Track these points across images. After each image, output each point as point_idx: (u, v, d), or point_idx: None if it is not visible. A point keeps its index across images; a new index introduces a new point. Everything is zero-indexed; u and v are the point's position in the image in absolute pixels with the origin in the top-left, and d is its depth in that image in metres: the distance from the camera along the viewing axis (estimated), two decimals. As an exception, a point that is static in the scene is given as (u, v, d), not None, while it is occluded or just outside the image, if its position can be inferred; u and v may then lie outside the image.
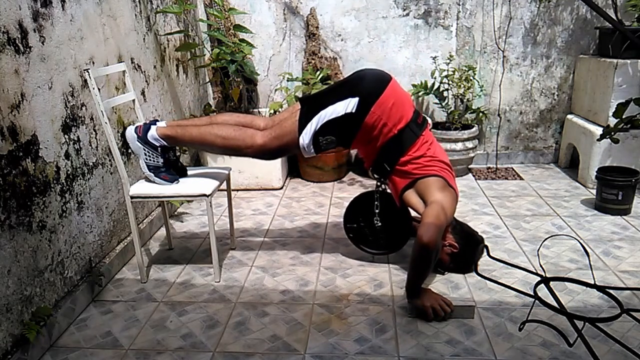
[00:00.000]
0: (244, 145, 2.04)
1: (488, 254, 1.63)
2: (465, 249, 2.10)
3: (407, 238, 2.30)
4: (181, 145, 2.18)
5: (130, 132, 2.04)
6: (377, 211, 2.22)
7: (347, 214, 2.35)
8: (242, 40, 3.25)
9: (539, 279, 1.32)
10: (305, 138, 2.00)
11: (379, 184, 2.23)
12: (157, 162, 2.07)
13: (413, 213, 2.20)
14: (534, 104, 3.60)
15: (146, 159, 2.06)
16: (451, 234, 2.10)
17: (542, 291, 1.36)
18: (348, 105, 1.97)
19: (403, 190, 2.07)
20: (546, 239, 2.39)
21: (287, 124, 2.04)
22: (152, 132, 2.03)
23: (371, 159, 2.12)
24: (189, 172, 2.23)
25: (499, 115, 3.59)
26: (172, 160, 2.14)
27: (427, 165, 2.03)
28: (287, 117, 2.08)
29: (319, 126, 1.99)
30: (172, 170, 2.13)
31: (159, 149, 2.05)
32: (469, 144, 3.38)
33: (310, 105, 2.04)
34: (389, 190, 2.23)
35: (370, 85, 2.01)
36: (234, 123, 2.11)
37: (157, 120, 2.10)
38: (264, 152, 2.07)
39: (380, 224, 2.23)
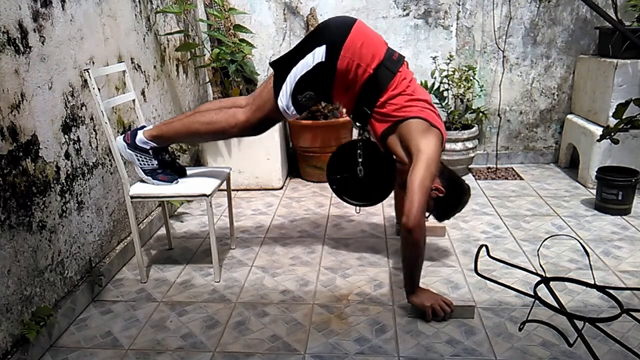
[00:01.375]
0: (228, 126, 2.04)
1: (488, 254, 1.63)
2: (451, 194, 2.07)
3: (391, 188, 2.24)
4: (170, 142, 2.16)
5: (120, 141, 2.04)
6: (360, 160, 2.15)
7: (331, 165, 2.28)
8: (242, 40, 3.25)
9: (539, 279, 1.32)
10: (283, 100, 1.97)
11: (361, 132, 2.16)
12: (152, 164, 2.07)
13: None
14: (534, 104, 3.61)
15: (140, 164, 2.07)
16: (439, 177, 2.04)
17: (542, 291, 1.36)
18: (316, 55, 1.92)
19: (384, 134, 2.01)
20: (546, 239, 2.39)
21: (264, 93, 2.03)
22: (140, 137, 2.04)
23: (351, 106, 2.07)
24: (188, 172, 2.24)
25: (499, 115, 3.59)
26: (167, 160, 2.14)
27: (406, 105, 1.96)
28: (263, 87, 2.06)
29: (293, 85, 1.95)
30: (170, 170, 2.13)
31: (150, 151, 2.06)
32: (469, 144, 3.39)
33: (281, 66, 2.00)
34: (372, 139, 2.17)
35: (334, 30, 1.96)
36: (217, 108, 2.10)
37: (144, 126, 2.11)
38: (249, 128, 2.06)
39: (363, 173, 2.16)
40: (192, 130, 2.06)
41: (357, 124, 2.13)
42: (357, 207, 2.30)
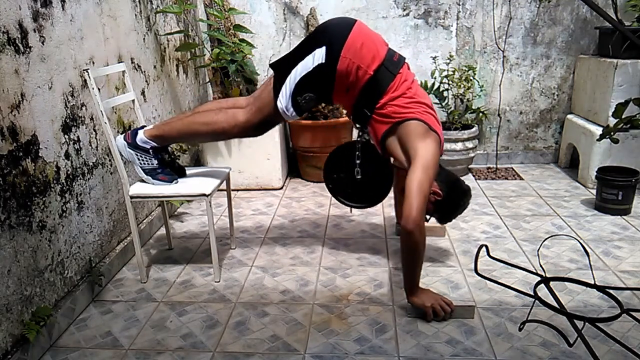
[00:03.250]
0: (228, 127, 2.04)
1: (488, 254, 1.63)
2: (450, 196, 2.07)
3: (387, 192, 2.23)
4: (170, 142, 2.16)
5: (120, 140, 2.04)
6: (358, 162, 2.14)
7: (328, 165, 2.28)
8: (242, 40, 3.25)
9: (539, 279, 1.32)
10: (282, 101, 1.97)
11: (360, 133, 2.15)
12: (152, 164, 2.07)
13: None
14: (534, 104, 3.61)
15: (140, 163, 2.07)
16: (435, 181, 2.01)
17: (542, 291, 1.36)
18: (316, 56, 1.92)
19: (384, 136, 2.00)
20: (546, 239, 2.39)
21: (264, 95, 2.03)
22: (140, 136, 2.04)
23: (351, 107, 2.06)
24: (188, 172, 2.24)
25: (499, 115, 3.59)
26: (167, 160, 2.14)
27: (406, 106, 1.95)
28: (264, 88, 2.06)
29: (293, 86, 1.95)
30: (169, 170, 2.13)
31: (151, 150, 2.06)
32: (469, 144, 3.38)
33: (280, 68, 2.00)
34: (372, 141, 2.16)
35: (334, 31, 1.96)
36: (217, 108, 2.10)
37: (145, 126, 2.11)
38: (249, 129, 2.06)
39: (360, 176, 2.15)
40: (192, 130, 2.06)
41: (357, 125, 2.13)
42: (351, 208, 2.29)
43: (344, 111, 2.76)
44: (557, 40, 3.45)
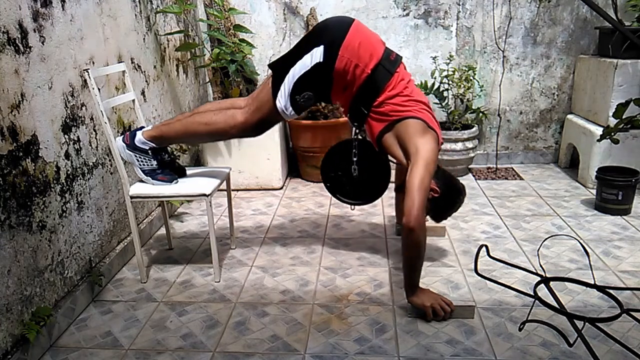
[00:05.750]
0: (227, 127, 2.04)
1: (488, 254, 1.63)
2: (447, 194, 2.08)
3: (385, 188, 2.24)
4: (169, 142, 2.16)
5: (119, 142, 2.05)
6: (355, 159, 2.15)
7: (325, 164, 2.29)
8: (242, 40, 3.25)
9: (539, 279, 1.32)
10: (281, 101, 1.97)
11: (357, 131, 2.16)
12: (151, 165, 2.07)
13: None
14: (534, 104, 3.61)
15: (140, 164, 2.07)
16: (434, 178, 2.02)
17: (542, 291, 1.37)
18: (314, 55, 1.92)
19: (380, 134, 2.00)
20: (546, 239, 2.39)
21: (263, 94, 2.03)
22: (139, 137, 2.05)
23: (348, 105, 2.06)
24: (188, 172, 2.24)
25: (499, 115, 3.59)
26: (167, 161, 2.14)
27: (404, 105, 1.95)
28: (262, 88, 2.06)
29: (292, 85, 1.95)
30: (169, 170, 2.13)
31: (149, 151, 2.06)
32: (469, 144, 3.39)
33: (279, 67, 2.00)
34: (368, 139, 2.16)
35: (332, 30, 1.96)
36: (216, 109, 2.10)
37: (143, 127, 2.11)
38: (248, 129, 2.07)
39: (358, 173, 2.16)
40: (191, 130, 2.06)
41: (354, 123, 2.13)
42: (352, 205, 2.30)
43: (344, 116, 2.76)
44: (557, 40, 3.45)
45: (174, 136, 2.09)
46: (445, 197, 2.09)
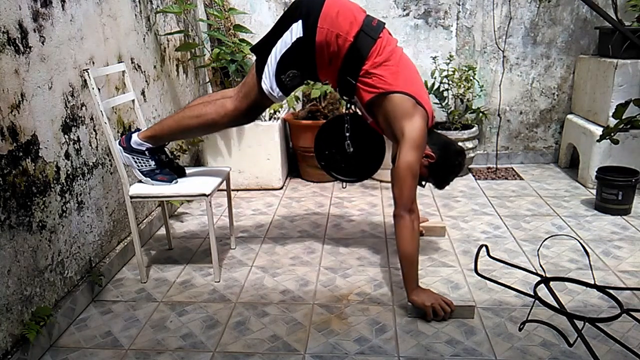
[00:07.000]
0: (218, 117, 2.04)
1: (488, 254, 1.63)
2: (444, 158, 2.05)
3: (380, 163, 2.22)
4: (164, 140, 2.15)
5: (116, 146, 2.05)
6: (347, 134, 2.13)
7: (318, 142, 2.27)
8: (242, 40, 3.25)
9: (539, 279, 1.32)
10: (267, 82, 1.96)
11: (348, 105, 2.14)
12: (150, 165, 2.08)
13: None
14: (534, 104, 3.61)
15: (138, 166, 2.07)
16: (428, 144, 1.99)
17: (542, 291, 1.37)
18: (294, 31, 1.91)
19: (370, 102, 1.97)
20: (546, 239, 2.39)
21: (249, 79, 2.03)
22: (134, 139, 2.06)
23: (336, 78, 2.03)
24: (188, 172, 2.24)
25: (499, 115, 3.59)
26: (165, 161, 2.15)
27: (392, 76, 1.91)
28: (249, 74, 2.06)
29: (275, 65, 1.93)
30: (168, 170, 2.13)
31: (146, 152, 2.06)
32: (469, 144, 3.38)
33: (261, 50, 1.99)
34: (360, 112, 2.14)
35: (308, 3, 1.94)
36: (206, 101, 2.10)
37: (139, 129, 2.12)
38: (239, 116, 2.06)
39: (352, 149, 2.13)
40: (183, 125, 2.06)
41: (344, 97, 2.10)
42: (344, 183, 2.28)
43: (343, 109, 2.75)
44: (557, 40, 3.45)
45: (168, 133, 2.08)
46: (443, 161, 2.05)
